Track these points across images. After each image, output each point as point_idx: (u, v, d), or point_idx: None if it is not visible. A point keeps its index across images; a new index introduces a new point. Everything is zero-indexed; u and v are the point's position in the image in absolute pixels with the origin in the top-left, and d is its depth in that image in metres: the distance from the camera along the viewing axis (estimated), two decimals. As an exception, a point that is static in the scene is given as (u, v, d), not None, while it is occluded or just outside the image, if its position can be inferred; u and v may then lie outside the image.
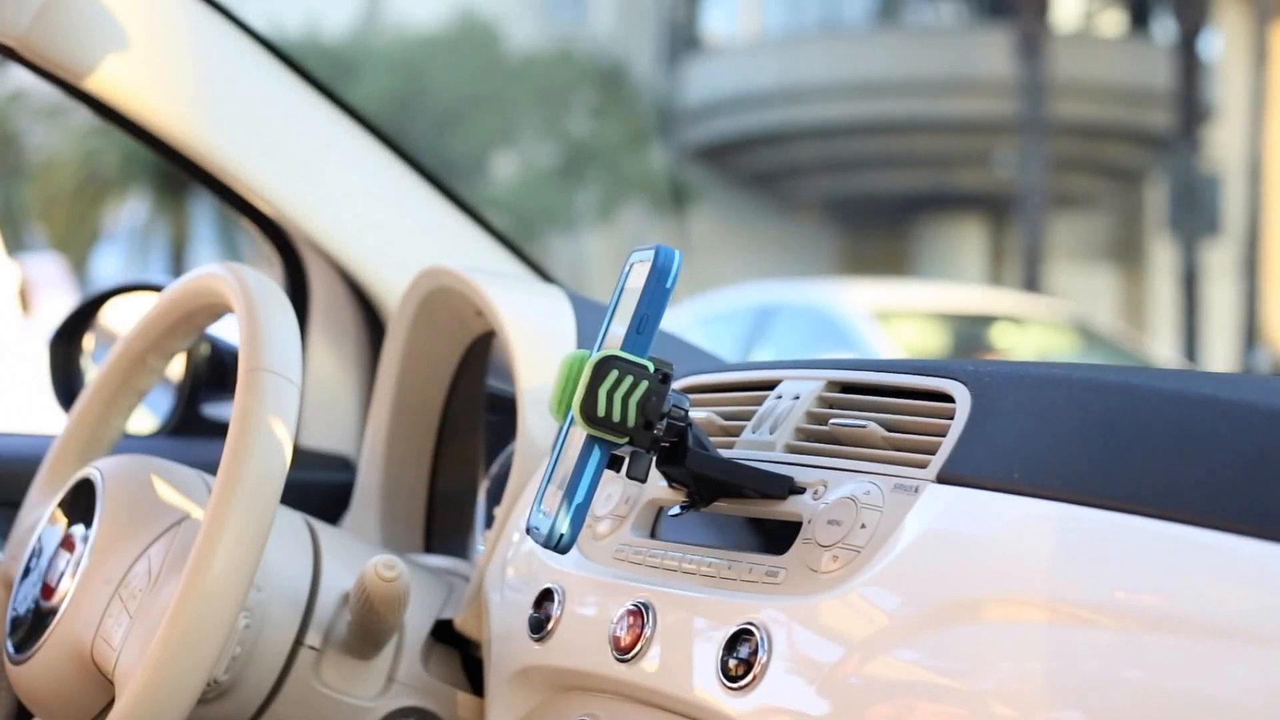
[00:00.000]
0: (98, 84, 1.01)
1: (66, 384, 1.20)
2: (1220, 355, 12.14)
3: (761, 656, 0.65)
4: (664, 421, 0.67)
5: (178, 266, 12.53)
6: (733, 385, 0.82)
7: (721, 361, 0.96)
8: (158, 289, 1.16)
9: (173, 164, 1.10)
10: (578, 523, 0.67)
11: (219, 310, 0.86)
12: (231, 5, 1.09)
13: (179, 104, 1.05)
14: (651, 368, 0.66)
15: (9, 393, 2.88)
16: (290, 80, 1.10)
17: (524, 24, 13.05)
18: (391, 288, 1.12)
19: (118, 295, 1.22)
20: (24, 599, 0.84)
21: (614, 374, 0.66)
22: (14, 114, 12.29)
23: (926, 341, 5.52)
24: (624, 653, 0.71)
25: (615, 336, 0.68)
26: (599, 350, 0.67)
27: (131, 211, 13.20)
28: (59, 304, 3.69)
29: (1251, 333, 11.21)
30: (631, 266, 0.69)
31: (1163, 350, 11.88)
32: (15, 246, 10.08)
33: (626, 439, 0.67)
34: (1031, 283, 10.93)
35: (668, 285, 0.66)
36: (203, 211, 12.79)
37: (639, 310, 0.66)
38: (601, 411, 0.66)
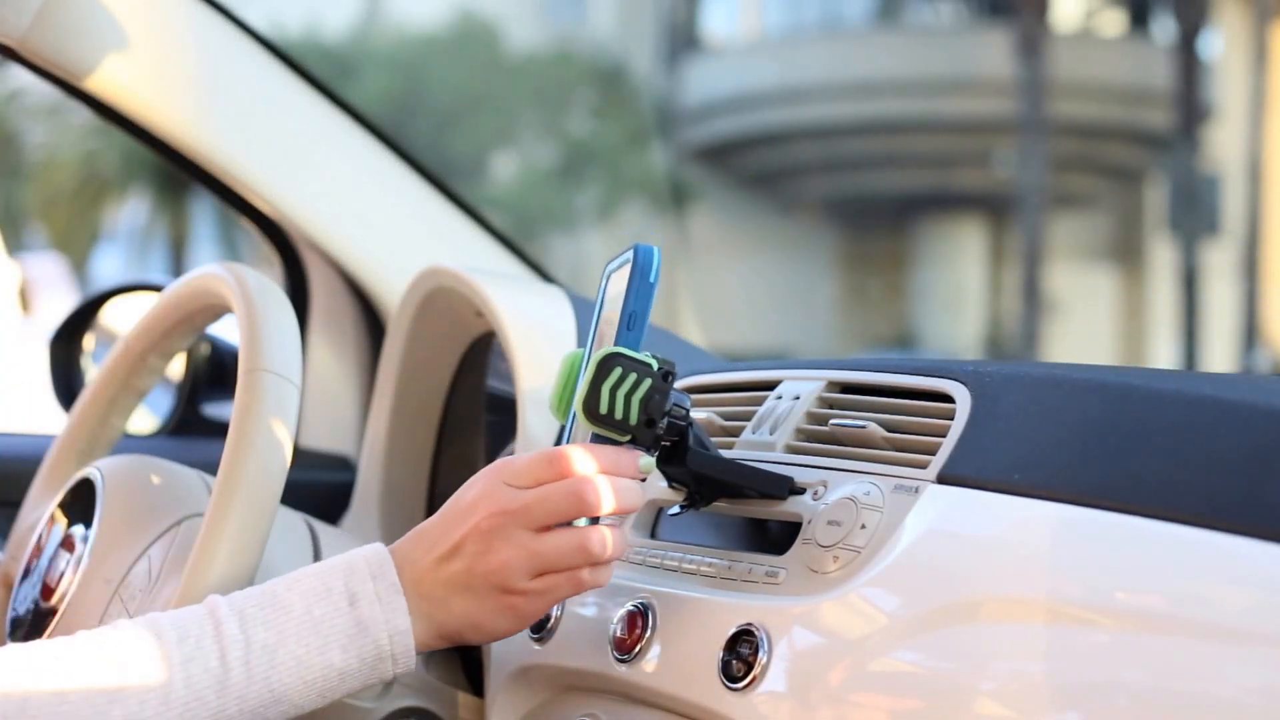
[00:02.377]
0: (98, 84, 1.01)
1: (67, 384, 1.20)
2: (1220, 355, 12.15)
3: (762, 657, 0.65)
4: (665, 420, 0.67)
5: (178, 266, 12.53)
6: (733, 385, 0.82)
7: (721, 362, 0.96)
8: (158, 289, 1.16)
9: (172, 164, 1.10)
10: None
11: (219, 310, 0.85)
12: (231, 5, 1.09)
13: (179, 104, 1.05)
14: (655, 365, 0.67)
15: (9, 393, 2.88)
16: (290, 80, 1.10)
17: (524, 24, 13.05)
18: (391, 288, 1.12)
19: (118, 295, 1.22)
20: (24, 599, 0.84)
21: (617, 371, 0.66)
22: (14, 113, 12.28)
23: None
24: (624, 653, 0.71)
25: (605, 338, 0.68)
26: (589, 355, 0.67)
27: (131, 211, 13.19)
28: (59, 304, 3.69)
29: (1251, 333, 11.22)
30: (609, 276, 0.69)
31: (1162, 350, 11.88)
32: (15, 246, 10.08)
33: (628, 437, 0.67)
34: (1031, 283, 10.95)
35: (651, 280, 0.66)
36: (203, 211, 12.79)
37: (626, 308, 0.66)
38: (604, 408, 0.66)
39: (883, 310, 14.80)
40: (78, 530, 0.83)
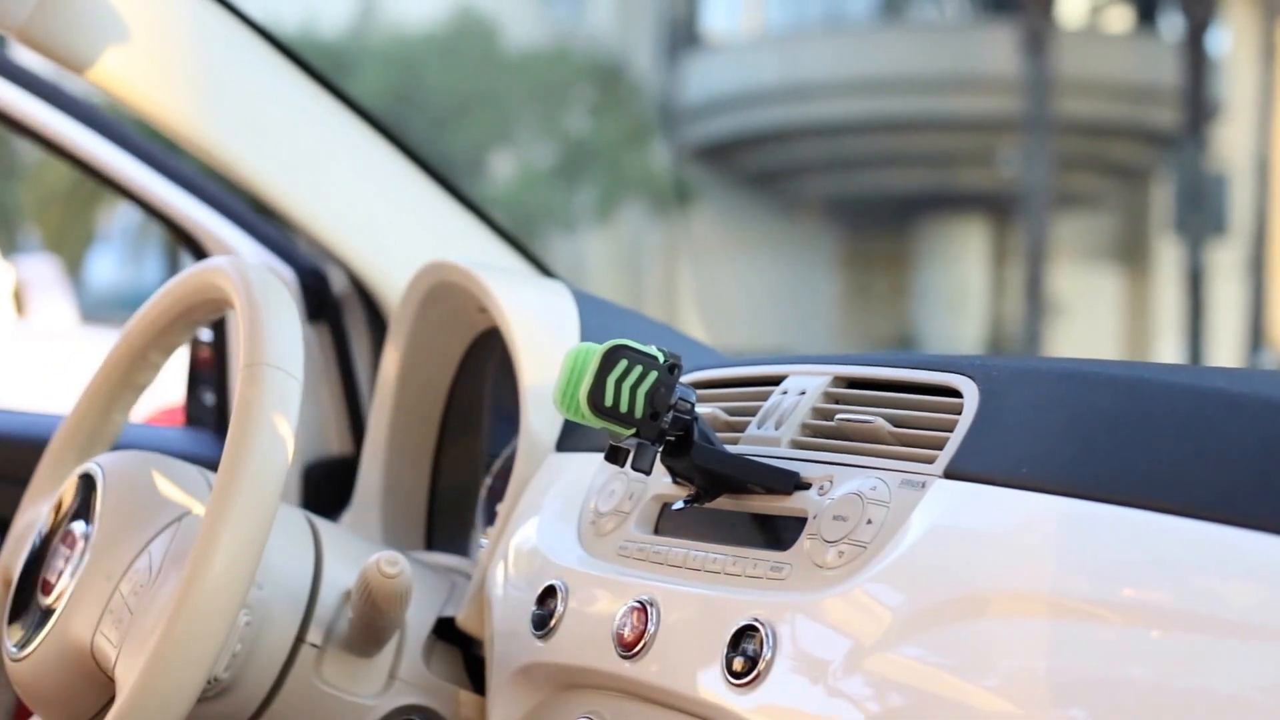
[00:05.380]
0: (98, 75, 1.01)
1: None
2: (1226, 356, 12.12)
3: (766, 653, 0.64)
4: (670, 414, 0.67)
5: (172, 268, 12.52)
6: (738, 380, 0.82)
7: (726, 357, 0.95)
8: None
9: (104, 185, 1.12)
10: None
11: (220, 305, 0.85)
12: (232, 1, 1.08)
13: (179, 95, 1.04)
14: (661, 358, 0.66)
15: (6, 393, 2.88)
16: (291, 73, 1.10)
17: (522, 21, 13.03)
18: (393, 283, 1.11)
19: None
20: (24, 595, 0.84)
21: (623, 363, 0.66)
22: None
23: None
24: (627, 650, 0.71)
25: None
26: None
27: (126, 213, 13.19)
28: (54, 305, 3.68)
29: (1257, 333, 11.20)
30: None
31: (1167, 351, 11.86)
32: (9, 248, 10.07)
33: (633, 430, 0.66)
34: (1035, 283, 10.93)
35: None
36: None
37: None
38: (609, 401, 0.65)
39: (885, 310, 14.79)
40: (78, 526, 0.83)
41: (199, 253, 1.20)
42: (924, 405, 0.70)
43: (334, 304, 1.16)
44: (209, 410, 1.26)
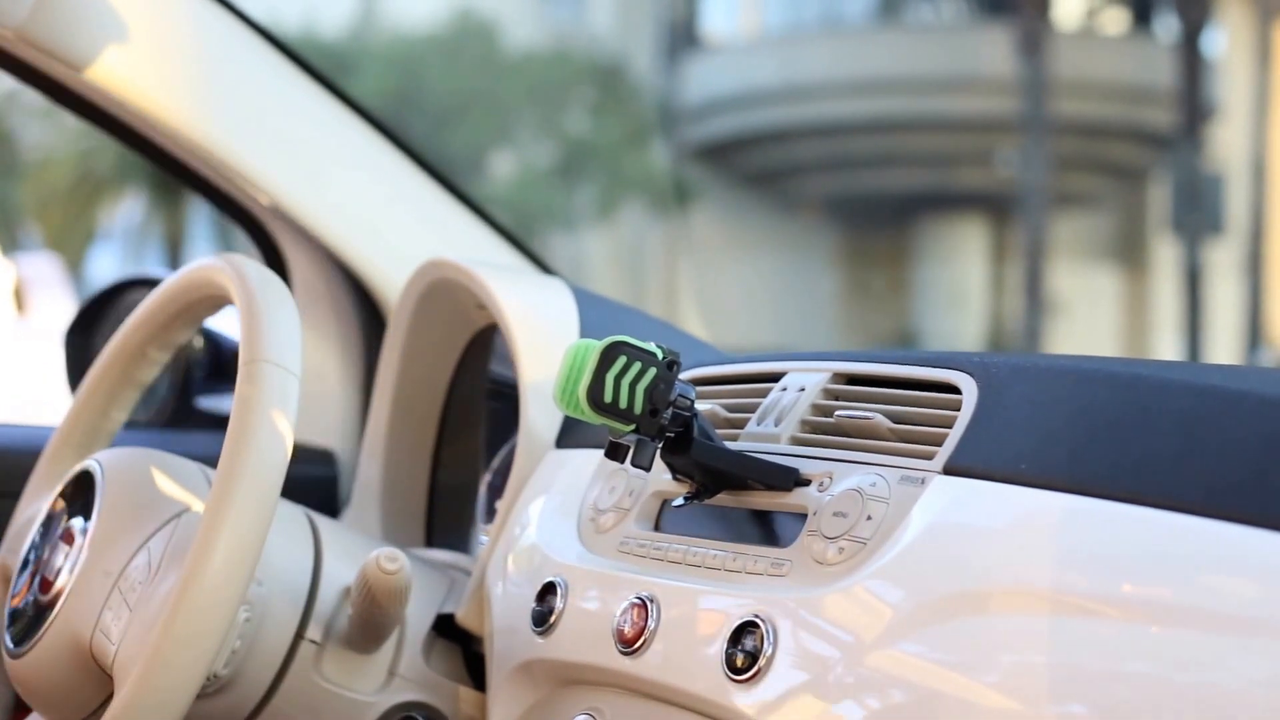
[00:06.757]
0: (97, 73, 1.01)
1: (81, 379, 1.20)
2: (1224, 355, 12.14)
3: (767, 649, 0.64)
4: (670, 410, 0.67)
5: (173, 265, 12.51)
6: (738, 377, 0.82)
7: (725, 354, 0.95)
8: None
9: (153, 162, 1.10)
10: None
11: (219, 302, 0.85)
12: (232, 1, 1.08)
13: (178, 93, 1.04)
14: (660, 354, 0.66)
15: (6, 391, 2.88)
16: (292, 73, 1.10)
17: (522, 21, 13.02)
18: (392, 280, 1.11)
19: (127, 290, 1.22)
20: (23, 592, 0.84)
21: (622, 359, 0.66)
22: (8, 112, 12.26)
23: None
24: (628, 646, 0.71)
25: None
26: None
27: (127, 210, 13.18)
28: (55, 303, 3.68)
29: (1255, 332, 11.22)
30: None
31: (1165, 350, 11.87)
32: (10, 246, 10.07)
33: (632, 426, 0.66)
34: (1033, 283, 10.95)
35: None
36: (198, 210, 12.77)
37: None
38: (609, 397, 0.65)
39: (885, 310, 14.80)
40: (77, 523, 0.83)
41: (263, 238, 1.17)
42: (923, 401, 0.70)
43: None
44: (195, 411, 1.26)
